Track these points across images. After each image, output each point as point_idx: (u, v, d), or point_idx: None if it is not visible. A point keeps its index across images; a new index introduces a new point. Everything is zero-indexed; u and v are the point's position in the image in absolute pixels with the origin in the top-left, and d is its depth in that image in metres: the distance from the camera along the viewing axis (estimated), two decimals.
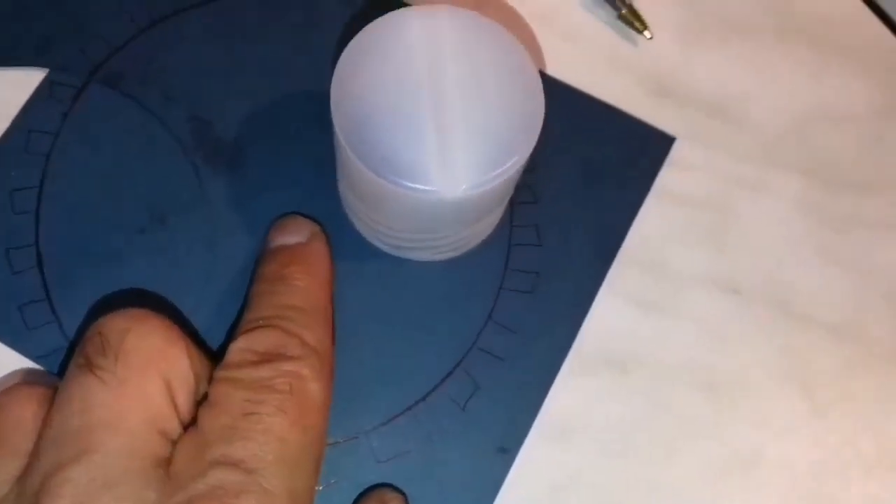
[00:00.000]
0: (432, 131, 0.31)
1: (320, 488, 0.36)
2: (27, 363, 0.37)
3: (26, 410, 0.31)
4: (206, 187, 0.39)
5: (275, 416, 0.30)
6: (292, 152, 0.40)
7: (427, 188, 0.31)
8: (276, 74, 0.41)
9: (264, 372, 0.31)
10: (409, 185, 0.31)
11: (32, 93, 0.40)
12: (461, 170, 0.31)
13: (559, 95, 0.42)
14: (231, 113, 0.40)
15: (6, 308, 0.37)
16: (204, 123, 0.40)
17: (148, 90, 0.40)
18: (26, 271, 0.38)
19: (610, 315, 0.40)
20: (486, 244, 0.40)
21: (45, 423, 0.30)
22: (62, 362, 0.37)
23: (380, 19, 0.33)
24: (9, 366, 0.37)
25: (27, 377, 0.37)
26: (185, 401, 0.31)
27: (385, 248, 0.39)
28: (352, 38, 0.33)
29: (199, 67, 0.41)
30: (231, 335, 0.34)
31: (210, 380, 0.32)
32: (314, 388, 0.32)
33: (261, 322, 0.33)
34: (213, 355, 0.35)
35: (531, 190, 0.40)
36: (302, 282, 0.35)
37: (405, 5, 0.42)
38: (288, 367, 0.31)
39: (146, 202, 0.39)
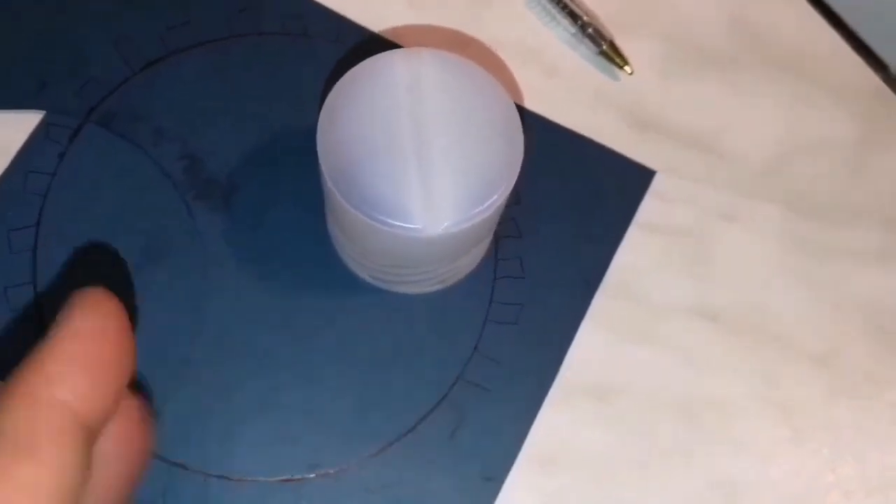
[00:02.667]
0: (415, 170, 0.32)
1: None
2: None
3: None
4: (198, 224, 0.40)
5: None
6: (283, 188, 0.41)
7: (410, 226, 0.32)
8: (267, 113, 0.42)
9: None
10: (393, 222, 0.32)
11: (30, 134, 0.41)
12: (443, 208, 0.32)
13: (542, 131, 0.43)
14: (223, 151, 0.41)
15: (3, 348, 0.38)
16: (196, 161, 0.41)
17: (141, 130, 0.41)
18: (24, 310, 0.39)
19: (593, 345, 0.41)
20: (472, 277, 0.41)
21: None
22: None
23: (365, 61, 0.34)
24: None
25: None
26: None
27: (372, 282, 0.40)
28: (338, 77, 0.34)
29: (192, 107, 0.42)
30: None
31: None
32: None
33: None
34: None
35: (515, 223, 0.41)
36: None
37: (393, 46, 0.43)
38: None
39: (141, 240, 0.40)
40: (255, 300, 0.39)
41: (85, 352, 0.24)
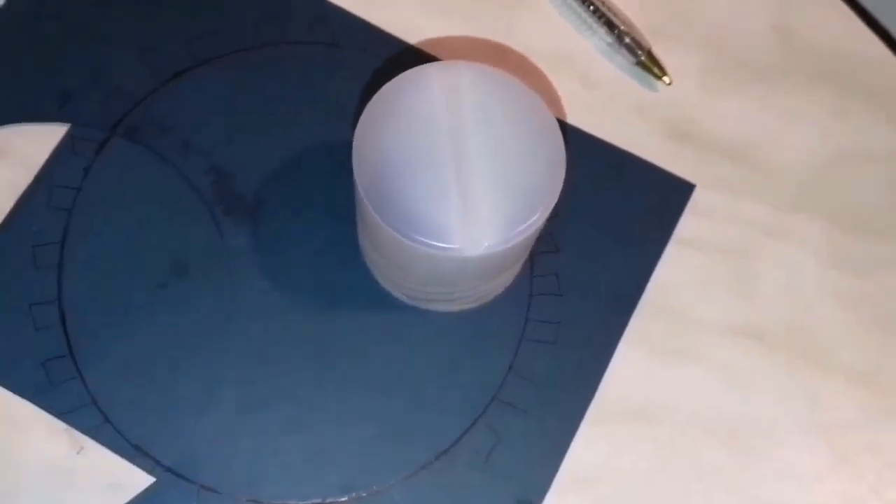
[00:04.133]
0: (454, 189, 0.31)
1: None
2: (51, 419, 0.37)
3: None
4: (226, 239, 0.39)
5: None
6: (312, 203, 0.40)
7: (449, 246, 0.31)
8: (296, 125, 0.41)
9: None
10: (430, 242, 0.31)
11: (55, 148, 0.40)
12: (483, 227, 0.31)
13: (579, 144, 0.42)
14: (251, 164, 0.40)
15: (30, 365, 0.37)
16: (224, 175, 0.40)
17: (168, 143, 0.40)
18: (49, 327, 0.38)
19: (631, 364, 0.39)
20: (508, 294, 0.40)
21: None
22: (86, 419, 0.37)
23: (400, 76, 0.33)
24: (34, 422, 0.37)
25: None
26: None
27: (405, 300, 0.39)
28: (372, 90, 0.33)
29: (220, 119, 0.41)
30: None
31: None
32: None
33: None
34: None
35: (552, 239, 0.40)
36: None
37: (424, 56, 0.42)
38: None
39: (167, 256, 0.39)
40: (284, 317, 0.39)
41: None
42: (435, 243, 0.31)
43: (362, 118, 0.32)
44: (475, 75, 0.33)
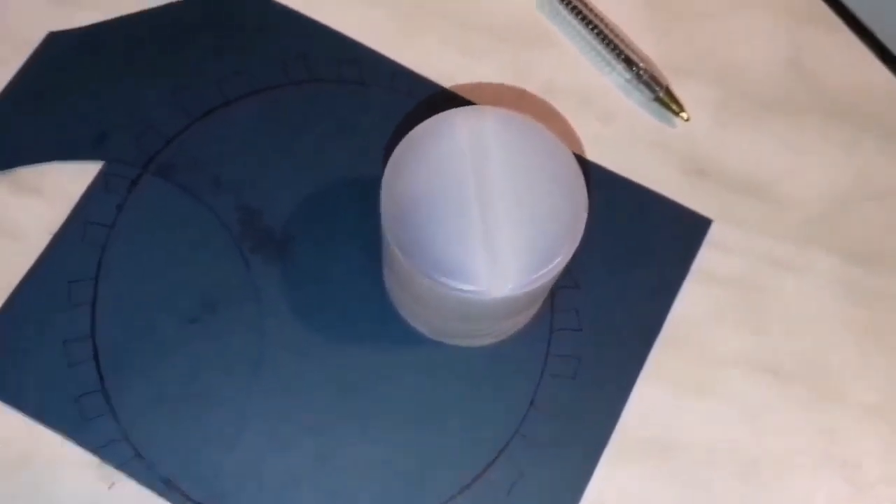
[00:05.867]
0: (479, 231, 0.32)
1: None
2: (85, 454, 0.38)
3: None
4: (255, 276, 0.40)
5: None
6: (339, 239, 0.41)
7: (474, 288, 0.32)
8: (324, 163, 0.42)
9: None
10: (456, 284, 0.32)
11: (89, 185, 0.41)
12: (508, 270, 0.32)
13: (597, 179, 0.42)
14: (279, 201, 0.41)
15: (64, 400, 0.38)
16: (253, 212, 0.41)
17: (199, 180, 0.41)
18: (82, 363, 0.39)
19: (651, 398, 0.40)
20: (529, 329, 0.40)
21: None
22: (119, 455, 0.38)
23: (427, 121, 0.34)
24: (67, 457, 0.38)
25: None
26: None
27: (430, 335, 0.40)
28: (397, 128, 0.34)
29: (249, 156, 0.42)
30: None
31: None
32: None
33: None
34: None
35: (571, 275, 0.41)
36: None
37: (448, 95, 0.43)
38: None
39: (198, 292, 0.40)
40: (311, 352, 0.39)
41: None
42: (460, 286, 0.32)
43: (390, 162, 0.33)
44: (499, 120, 0.34)
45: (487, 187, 0.33)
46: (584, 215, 0.33)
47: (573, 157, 0.34)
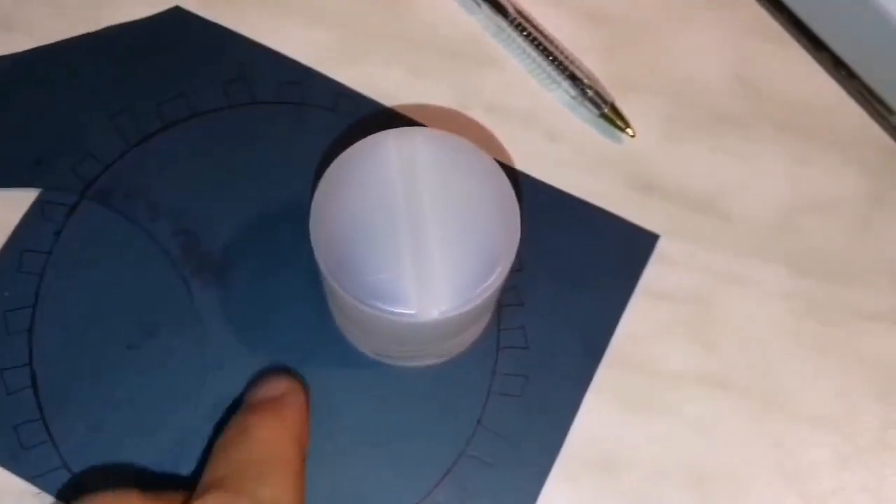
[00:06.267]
0: (409, 254, 0.32)
1: None
2: (23, 484, 0.38)
3: None
4: (195, 300, 0.40)
5: None
6: (281, 261, 0.40)
7: (405, 311, 0.32)
8: (263, 186, 0.42)
9: None
10: (387, 308, 0.32)
11: (25, 213, 0.41)
12: (438, 292, 0.32)
13: (543, 196, 0.42)
14: (218, 225, 0.41)
15: (1, 428, 0.38)
16: (192, 236, 0.41)
17: (137, 205, 0.41)
18: (20, 391, 0.38)
19: (598, 416, 0.40)
20: (475, 348, 0.40)
21: None
22: (58, 483, 0.37)
23: (357, 143, 0.33)
24: (5, 486, 0.38)
25: None
26: None
27: (373, 357, 0.39)
28: (336, 149, 0.33)
29: (188, 181, 0.42)
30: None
31: None
32: None
33: (213, 484, 0.32)
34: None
35: (517, 292, 0.41)
36: (264, 432, 0.34)
37: (391, 115, 0.43)
38: None
39: (137, 317, 0.39)
40: (255, 376, 0.39)
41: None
42: (390, 309, 0.32)
43: (319, 185, 0.33)
44: (430, 140, 0.34)
45: (418, 209, 0.33)
46: (518, 236, 0.33)
47: (505, 176, 0.33)
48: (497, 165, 0.33)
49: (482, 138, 0.43)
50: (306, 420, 0.36)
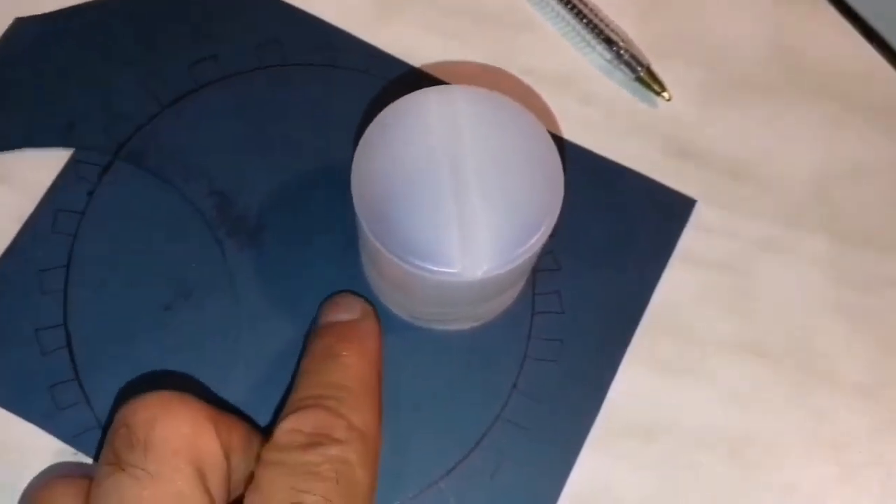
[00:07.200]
0: (452, 212, 0.32)
1: None
2: (59, 444, 0.37)
3: None
4: (230, 262, 0.40)
5: None
6: (315, 225, 0.40)
7: (448, 270, 0.31)
8: (298, 148, 0.41)
9: (311, 457, 0.31)
10: (431, 267, 0.31)
11: (59, 173, 0.40)
12: (482, 251, 0.31)
13: (579, 160, 0.42)
14: (253, 187, 0.41)
15: (36, 389, 0.38)
16: (226, 198, 0.40)
17: (171, 166, 0.41)
18: (55, 351, 0.38)
19: (635, 382, 0.40)
20: (509, 312, 0.40)
21: None
22: (94, 444, 0.37)
23: (398, 101, 0.33)
24: (41, 447, 0.37)
25: (63, 470, 0.37)
26: (218, 486, 0.31)
27: (409, 320, 0.39)
28: (373, 111, 0.33)
29: (221, 142, 0.41)
30: (278, 412, 0.34)
31: (254, 453, 0.32)
32: (360, 474, 0.31)
33: (308, 401, 0.33)
34: (250, 422, 0.36)
35: (553, 256, 0.40)
36: (351, 359, 0.34)
37: (425, 77, 0.42)
38: (334, 451, 0.31)
39: (171, 279, 0.39)
40: (289, 340, 0.39)
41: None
42: (433, 268, 0.31)
43: (360, 144, 0.32)
44: (472, 98, 0.33)
45: (461, 167, 0.32)
46: (561, 195, 0.32)
47: (549, 135, 0.33)
48: (541, 125, 0.33)
49: (520, 99, 0.43)
50: (381, 346, 0.36)
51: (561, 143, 0.42)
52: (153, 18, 0.43)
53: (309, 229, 0.40)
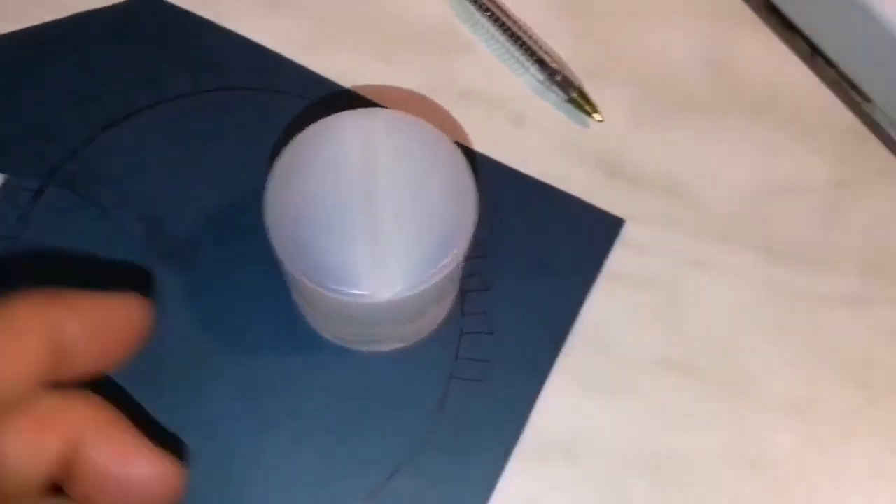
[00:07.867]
0: (364, 234, 0.32)
1: None
2: None
3: None
4: (159, 286, 0.40)
5: None
6: (245, 247, 0.40)
7: (360, 292, 0.32)
8: (230, 172, 0.42)
9: None
10: (342, 289, 0.32)
11: None
12: (393, 272, 0.32)
13: (509, 181, 0.42)
14: (183, 211, 0.41)
15: None
16: (157, 223, 0.41)
17: (103, 191, 0.41)
18: None
19: (561, 401, 0.40)
20: (439, 333, 0.40)
21: None
22: None
23: (315, 123, 0.33)
24: None
25: None
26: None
27: (335, 342, 0.39)
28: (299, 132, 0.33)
29: (154, 167, 0.42)
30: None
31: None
32: None
33: None
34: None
35: (481, 277, 0.41)
36: None
37: (360, 102, 0.43)
38: None
39: None
40: (216, 362, 0.39)
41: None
42: (344, 289, 0.32)
43: (274, 167, 0.33)
44: (388, 121, 0.34)
45: (374, 190, 0.33)
46: (474, 216, 0.33)
47: (464, 159, 0.33)
48: (455, 147, 0.33)
49: (448, 122, 0.43)
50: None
51: (486, 164, 0.42)
52: (90, 43, 0.43)
53: (240, 252, 0.40)
